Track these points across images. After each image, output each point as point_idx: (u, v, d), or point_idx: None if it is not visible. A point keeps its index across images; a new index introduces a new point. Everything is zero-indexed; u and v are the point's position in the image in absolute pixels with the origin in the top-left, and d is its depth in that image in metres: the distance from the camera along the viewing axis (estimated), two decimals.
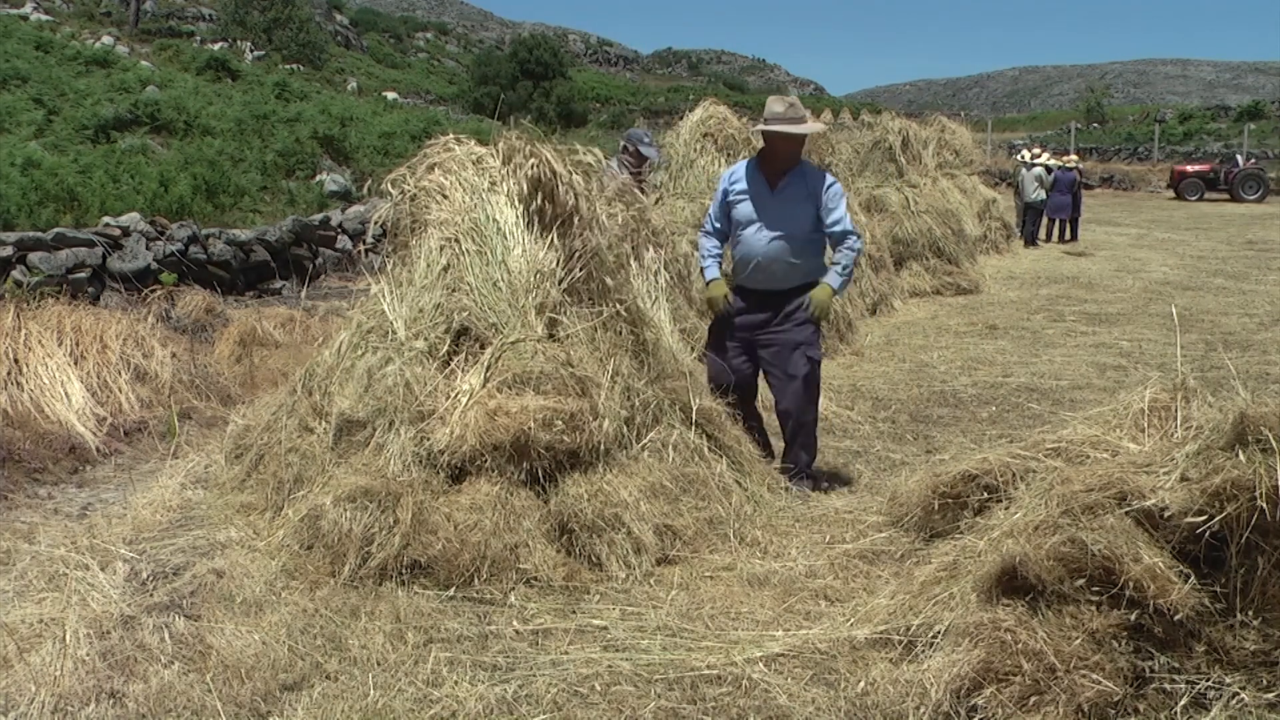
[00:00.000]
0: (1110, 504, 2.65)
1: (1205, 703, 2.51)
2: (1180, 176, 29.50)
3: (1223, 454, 2.55)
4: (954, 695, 2.64)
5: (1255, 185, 28.58)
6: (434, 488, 3.78)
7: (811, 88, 77.11)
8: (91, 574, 3.63)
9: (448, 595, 3.50)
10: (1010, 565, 2.72)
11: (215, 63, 21.38)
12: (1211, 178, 29.22)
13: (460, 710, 2.80)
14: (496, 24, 78.07)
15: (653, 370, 4.49)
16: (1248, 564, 2.53)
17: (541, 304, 4.20)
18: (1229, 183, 28.82)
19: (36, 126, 12.50)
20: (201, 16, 33.38)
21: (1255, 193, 28.35)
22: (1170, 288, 11.75)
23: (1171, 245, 16.71)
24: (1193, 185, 28.86)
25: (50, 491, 4.77)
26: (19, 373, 5.44)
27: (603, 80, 54.07)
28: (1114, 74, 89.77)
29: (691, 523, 3.95)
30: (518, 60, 38.08)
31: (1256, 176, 28.83)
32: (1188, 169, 29.90)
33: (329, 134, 14.45)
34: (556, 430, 3.79)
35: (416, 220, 4.54)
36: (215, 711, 2.79)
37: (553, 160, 4.39)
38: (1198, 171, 29.56)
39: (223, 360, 6.75)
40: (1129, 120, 48.31)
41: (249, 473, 4.60)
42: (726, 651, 3.11)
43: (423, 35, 55.81)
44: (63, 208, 9.38)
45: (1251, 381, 6.64)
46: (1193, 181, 29.00)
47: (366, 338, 4.42)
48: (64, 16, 26.41)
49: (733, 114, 8.97)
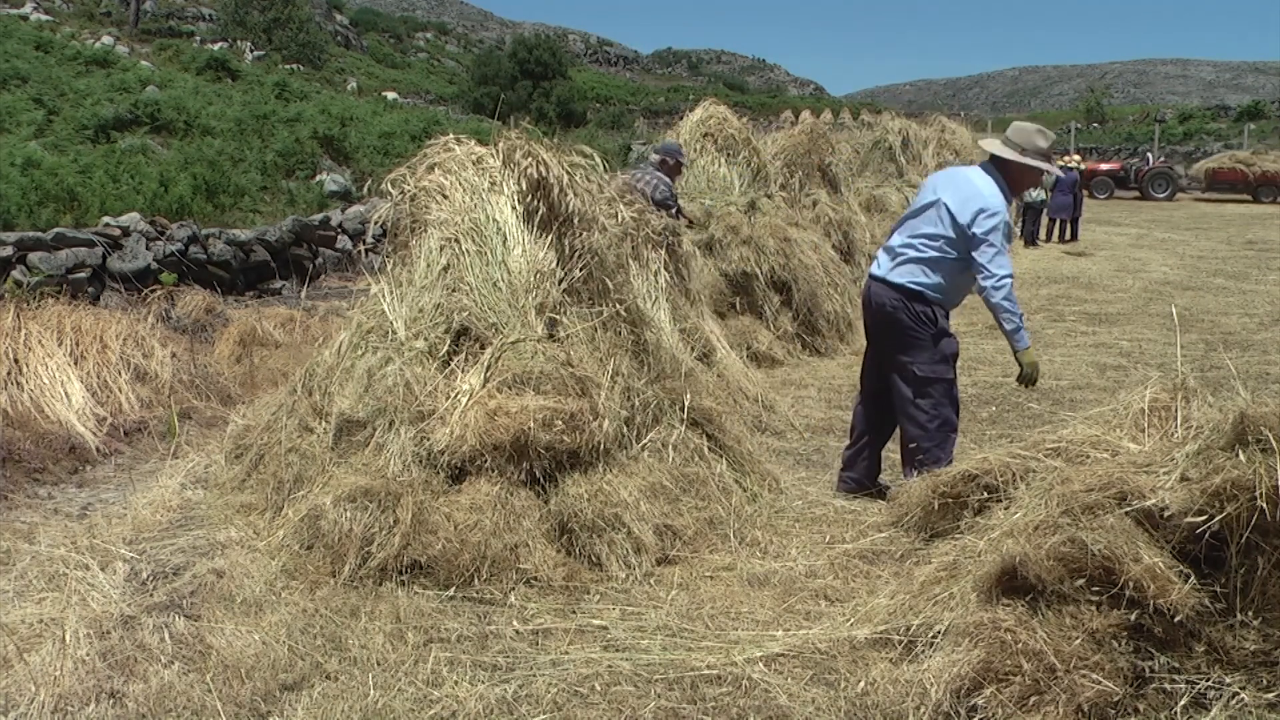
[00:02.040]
0: (1110, 504, 2.65)
1: (1205, 703, 2.51)
2: (1091, 175, 29.71)
3: (1223, 454, 2.55)
4: (954, 695, 2.64)
5: (1164, 184, 28.94)
6: (434, 488, 3.78)
7: (811, 88, 77.08)
8: (91, 574, 3.63)
9: (448, 595, 3.50)
10: (1010, 565, 2.72)
11: (215, 63, 21.38)
12: (1121, 176, 29.78)
13: (460, 710, 2.80)
14: (496, 24, 78.06)
15: (653, 370, 4.49)
16: (1248, 564, 2.53)
17: (541, 304, 4.20)
18: (1139, 181, 29.30)
19: (36, 126, 12.50)
20: (201, 16, 33.38)
21: (1164, 191, 28.74)
22: (1170, 288, 11.75)
23: (1171, 245, 16.71)
24: (1102, 184, 29.19)
25: (50, 491, 4.77)
26: (19, 373, 5.44)
27: (603, 80, 54.05)
28: (1114, 74, 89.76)
29: (691, 523, 3.95)
30: (518, 60, 38.06)
31: (1165, 175, 29.21)
32: (1099, 167, 30.22)
33: (329, 134, 14.45)
34: (556, 430, 3.79)
35: (416, 220, 4.54)
36: (215, 711, 2.78)
37: (552, 161, 4.40)
38: (1108, 170, 29.98)
39: (223, 360, 6.75)
40: (1129, 120, 48.27)
41: (249, 473, 4.60)
42: (726, 651, 3.11)
43: (423, 35, 55.81)
44: (63, 208, 9.38)
45: (1251, 381, 6.65)
46: (1103, 180, 29.32)
47: (366, 338, 4.42)
48: (64, 16, 26.41)
49: (733, 114, 8.98)
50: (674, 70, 72.69)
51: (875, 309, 4.38)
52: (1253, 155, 29.13)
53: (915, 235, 4.31)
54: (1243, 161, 28.54)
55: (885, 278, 4.35)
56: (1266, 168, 27.99)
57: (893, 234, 4.50)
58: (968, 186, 4.25)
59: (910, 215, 4.42)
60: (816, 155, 10.09)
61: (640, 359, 4.47)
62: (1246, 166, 28.20)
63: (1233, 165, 28.50)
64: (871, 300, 4.41)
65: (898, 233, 4.45)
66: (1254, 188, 27.98)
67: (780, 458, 5.26)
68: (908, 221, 4.42)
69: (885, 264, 4.40)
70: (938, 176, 4.54)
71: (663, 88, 55.78)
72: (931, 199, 4.31)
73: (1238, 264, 14.02)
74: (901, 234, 4.40)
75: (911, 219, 4.39)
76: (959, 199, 4.21)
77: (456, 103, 34.53)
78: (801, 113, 12.16)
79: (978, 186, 4.23)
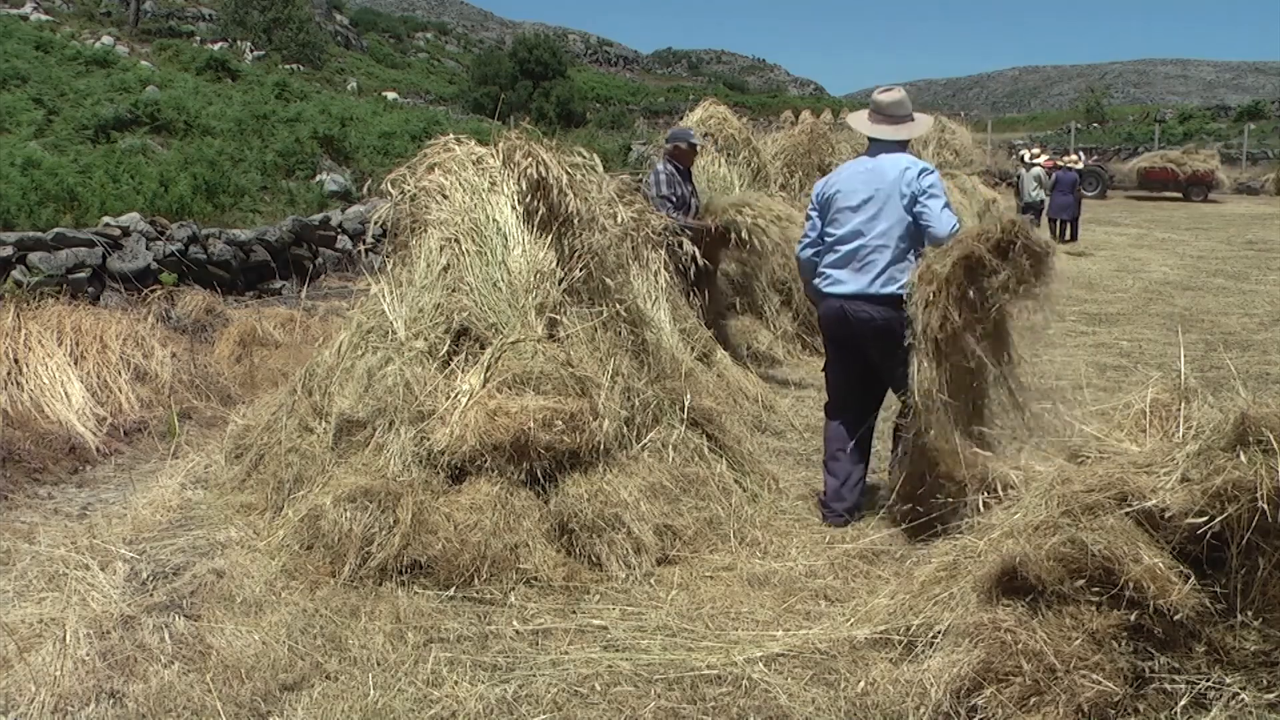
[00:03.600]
0: (1111, 504, 2.65)
1: (1205, 703, 2.51)
2: None
3: (1224, 455, 2.54)
4: (954, 695, 2.64)
5: (1094, 182, 29.16)
6: (434, 488, 3.78)
7: (811, 88, 77.10)
8: (91, 574, 3.63)
9: (448, 595, 3.50)
10: (1010, 566, 2.72)
11: (215, 63, 21.35)
12: None
13: (460, 710, 2.80)
14: (496, 24, 78.07)
15: (653, 370, 4.49)
16: (1248, 564, 2.52)
17: (541, 304, 4.20)
18: None
19: (36, 126, 12.48)
20: (201, 16, 33.38)
21: (1094, 190, 28.93)
22: (1170, 288, 11.75)
23: (1171, 245, 16.71)
24: None
25: (50, 491, 4.77)
26: (19, 373, 5.44)
27: (603, 80, 54.06)
28: (1114, 74, 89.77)
29: (691, 523, 3.95)
30: (517, 60, 38.06)
31: (1095, 174, 29.42)
32: None
33: (329, 134, 14.43)
34: (556, 430, 3.79)
35: (416, 220, 4.54)
36: (215, 711, 2.78)
37: (552, 161, 4.40)
38: None
39: (223, 360, 6.75)
40: (1129, 120, 48.27)
41: (249, 473, 4.60)
42: (726, 651, 3.11)
43: (423, 35, 55.82)
44: (63, 208, 9.36)
45: (1252, 381, 6.65)
46: None
47: (366, 338, 4.42)
48: (64, 16, 26.41)
49: (733, 114, 8.97)
50: (674, 70, 72.70)
51: (858, 325, 4.15)
52: (1183, 155, 29.95)
53: (873, 237, 4.11)
54: (1174, 161, 29.22)
55: (867, 292, 4.11)
56: (1196, 167, 28.67)
57: (827, 245, 4.26)
58: (889, 163, 4.18)
59: (844, 221, 4.19)
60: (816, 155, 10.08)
61: (640, 359, 4.47)
62: (1177, 166, 28.83)
63: (1164, 164, 29.18)
64: (850, 318, 4.16)
65: (838, 243, 4.20)
66: (1184, 186, 28.60)
67: (780, 458, 5.26)
68: (848, 227, 4.18)
69: (853, 277, 4.15)
70: (845, 176, 4.31)
71: (663, 88, 55.81)
72: (865, 194, 4.15)
73: (1238, 264, 14.02)
74: (848, 242, 4.17)
75: (852, 223, 4.16)
76: (895, 176, 4.12)
77: (456, 103, 34.53)
78: (801, 113, 12.14)
79: (898, 158, 4.19)
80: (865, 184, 4.19)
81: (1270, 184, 29.89)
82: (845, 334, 4.25)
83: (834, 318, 4.25)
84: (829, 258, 4.26)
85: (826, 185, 4.36)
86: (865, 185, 4.18)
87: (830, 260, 4.26)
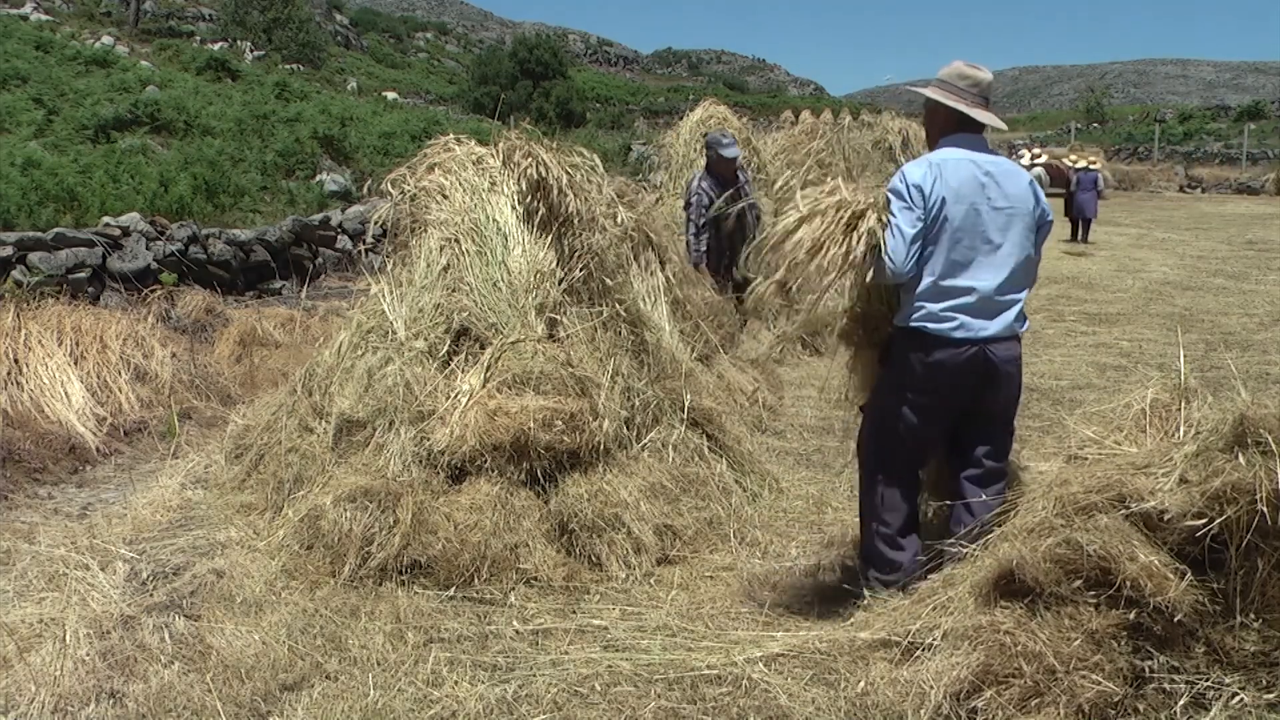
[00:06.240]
0: (1109, 506, 2.65)
1: (1205, 703, 2.51)
2: None
3: (1222, 456, 2.54)
4: (954, 698, 2.64)
5: None
6: (434, 488, 3.78)
7: (811, 88, 77.12)
8: (91, 574, 3.63)
9: (448, 595, 3.50)
10: (1007, 568, 2.72)
11: (215, 63, 21.36)
12: None
13: (460, 710, 2.80)
14: (496, 24, 78.09)
15: (653, 370, 4.49)
16: (1247, 565, 2.52)
17: (541, 304, 4.20)
18: None
19: (36, 126, 12.49)
20: (201, 16, 33.39)
21: None
22: (1170, 288, 11.74)
23: (1171, 245, 16.70)
24: None
25: (50, 491, 4.77)
26: (19, 373, 5.44)
27: (603, 80, 54.05)
28: (1114, 74, 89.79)
29: (691, 523, 3.96)
30: (518, 60, 38.05)
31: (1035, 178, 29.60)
32: None
33: (329, 134, 14.44)
34: (556, 430, 3.79)
35: (416, 220, 4.54)
36: (215, 711, 2.79)
37: (552, 161, 4.40)
38: None
39: (223, 360, 6.75)
40: (1129, 120, 48.27)
41: (249, 473, 4.61)
42: (726, 651, 3.11)
43: (423, 35, 55.85)
44: (63, 208, 9.37)
45: (1251, 381, 6.65)
46: None
47: (366, 338, 4.42)
48: (64, 16, 26.41)
49: (733, 114, 8.98)
50: (674, 70, 72.74)
51: (996, 371, 3.25)
52: (1070, 152, 30.08)
53: (1014, 267, 3.25)
54: (1058, 158, 29.51)
55: (1007, 334, 3.25)
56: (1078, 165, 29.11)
57: (960, 273, 3.20)
58: (1014, 168, 3.34)
59: (982, 242, 3.21)
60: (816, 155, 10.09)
61: (640, 359, 4.47)
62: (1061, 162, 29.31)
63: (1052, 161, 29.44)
64: (996, 365, 3.24)
65: (983, 272, 3.20)
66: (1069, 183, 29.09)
67: (780, 458, 5.26)
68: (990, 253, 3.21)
69: (993, 318, 3.22)
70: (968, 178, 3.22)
71: (663, 88, 55.80)
72: (1004, 206, 3.23)
73: (1238, 264, 14.01)
74: (991, 273, 3.21)
75: (987, 243, 3.21)
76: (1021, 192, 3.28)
77: (456, 103, 34.53)
78: (801, 113, 12.14)
79: (1011, 164, 3.37)
80: (1003, 199, 3.24)
81: (1270, 184, 29.84)
82: (969, 384, 3.25)
83: (965, 368, 3.22)
84: (961, 300, 3.20)
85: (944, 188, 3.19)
86: (1004, 201, 3.24)
87: (960, 304, 3.20)
